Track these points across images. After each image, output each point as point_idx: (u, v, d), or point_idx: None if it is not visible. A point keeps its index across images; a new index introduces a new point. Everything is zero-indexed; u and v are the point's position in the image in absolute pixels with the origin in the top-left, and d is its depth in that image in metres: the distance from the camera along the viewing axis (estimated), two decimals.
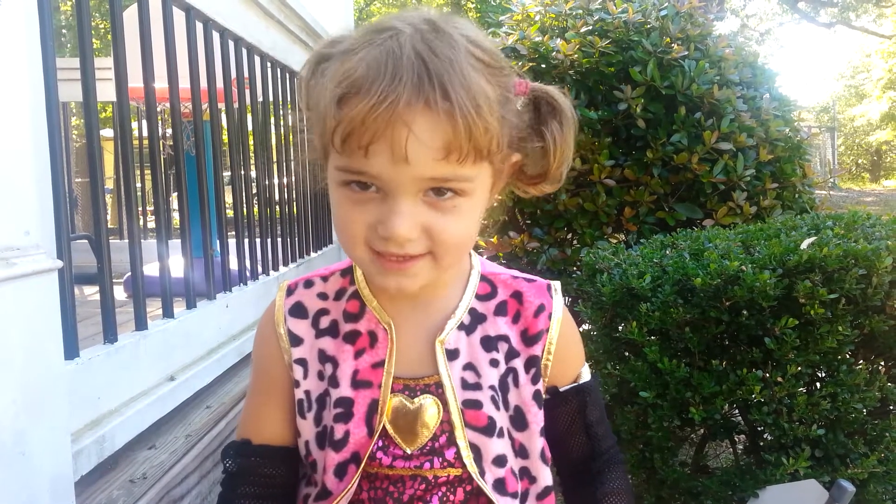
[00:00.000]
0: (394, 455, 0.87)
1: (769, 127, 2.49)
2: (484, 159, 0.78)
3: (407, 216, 0.76)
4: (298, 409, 0.91)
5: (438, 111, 0.73)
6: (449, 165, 0.75)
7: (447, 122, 0.73)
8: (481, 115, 0.74)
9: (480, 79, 0.76)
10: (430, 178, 0.76)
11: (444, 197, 0.77)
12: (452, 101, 0.73)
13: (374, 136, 0.73)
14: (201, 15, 2.13)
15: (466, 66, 0.75)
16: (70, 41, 12.07)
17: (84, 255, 2.66)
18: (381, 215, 0.77)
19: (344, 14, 4.50)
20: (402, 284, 0.81)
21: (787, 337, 1.55)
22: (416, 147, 0.73)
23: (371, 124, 0.72)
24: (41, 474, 1.14)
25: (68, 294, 1.35)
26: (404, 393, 0.88)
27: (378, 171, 0.75)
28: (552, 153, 0.88)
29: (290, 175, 3.11)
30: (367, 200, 0.78)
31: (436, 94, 0.73)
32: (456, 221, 0.79)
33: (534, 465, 0.92)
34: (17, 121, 1.12)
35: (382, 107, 0.72)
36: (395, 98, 0.72)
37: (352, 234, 0.80)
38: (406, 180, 0.75)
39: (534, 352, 0.91)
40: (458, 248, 0.82)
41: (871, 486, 1.66)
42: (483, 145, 0.76)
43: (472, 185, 0.79)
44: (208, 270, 2.15)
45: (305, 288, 0.95)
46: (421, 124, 0.73)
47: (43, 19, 1.33)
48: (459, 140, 0.74)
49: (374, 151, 0.74)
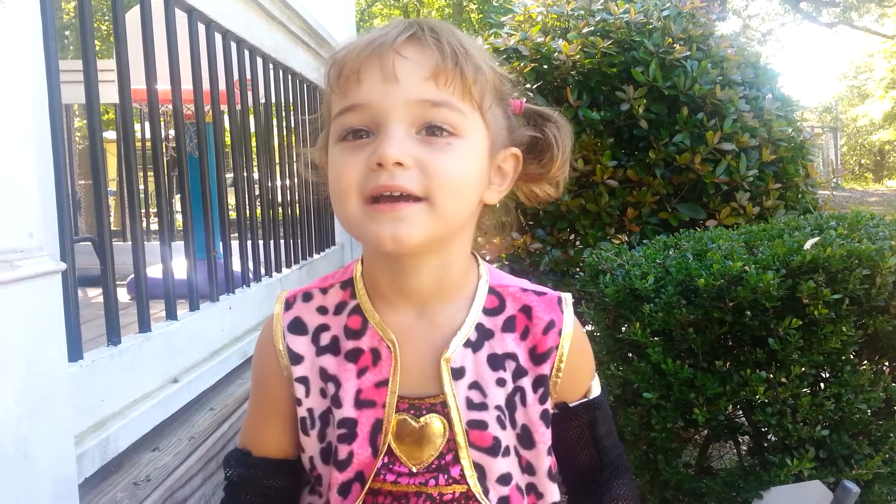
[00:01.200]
0: (398, 473, 0.85)
1: (772, 127, 2.49)
2: (475, 104, 0.81)
3: (397, 139, 0.77)
4: (301, 427, 0.89)
5: (426, 40, 0.79)
6: (437, 89, 0.78)
7: (435, 49, 0.79)
8: (470, 56, 0.80)
9: (472, 47, 0.82)
10: (421, 101, 0.77)
11: (438, 136, 0.78)
12: (440, 38, 0.79)
13: (365, 63, 0.78)
14: (204, 16, 2.13)
15: (458, 33, 0.82)
16: (72, 43, 12.08)
17: (87, 258, 2.66)
18: (374, 149, 0.77)
19: (346, 15, 4.51)
20: (398, 231, 0.77)
21: (790, 337, 1.55)
22: (404, 66, 0.78)
23: (362, 53, 0.79)
24: (44, 477, 1.14)
25: (71, 296, 1.35)
26: (409, 412, 0.86)
27: (369, 95, 0.78)
28: (555, 147, 0.90)
29: (292, 177, 3.12)
30: (361, 146, 0.79)
31: (424, 32, 0.80)
32: (451, 158, 0.78)
33: (541, 482, 0.91)
34: (20, 123, 1.12)
35: (374, 44, 0.79)
36: (384, 35, 0.79)
37: (346, 179, 0.79)
38: (397, 102, 0.77)
39: (542, 371, 0.88)
40: (455, 190, 0.79)
41: (876, 486, 1.65)
42: (472, 81, 0.79)
43: (466, 123, 0.80)
44: (211, 272, 2.15)
45: (304, 301, 0.92)
46: (409, 50, 0.79)
47: (45, 21, 1.33)
48: (447, 65, 0.78)
49: (365, 76, 0.78)
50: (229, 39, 2.35)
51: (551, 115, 0.92)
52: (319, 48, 3.42)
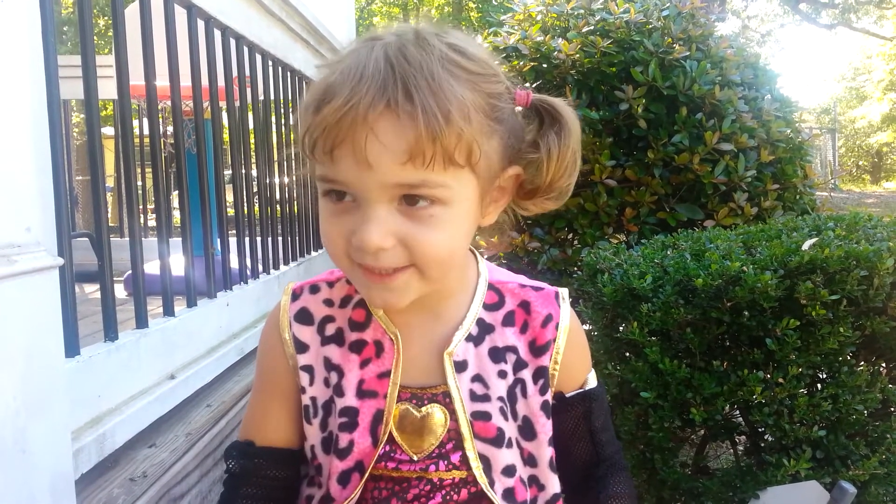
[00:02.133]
0: (399, 460, 0.87)
1: (770, 128, 2.49)
2: (460, 166, 0.74)
3: (377, 224, 0.74)
4: (304, 415, 0.90)
5: (399, 113, 0.71)
6: (415, 170, 0.72)
7: (409, 124, 0.71)
8: (450, 119, 0.72)
9: (456, 83, 0.74)
10: (397, 185, 0.73)
11: (417, 206, 0.74)
12: (415, 103, 0.71)
13: (337, 141, 0.72)
14: (203, 13, 2.12)
15: (438, 70, 0.73)
16: (71, 38, 12.06)
17: (85, 253, 2.65)
18: (355, 224, 0.75)
19: (345, 12, 4.50)
20: (387, 299, 0.79)
21: (788, 338, 1.55)
22: (377, 151, 0.71)
23: (334, 128, 0.72)
24: (41, 472, 1.14)
25: (69, 292, 1.35)
26: (412, 402, 0.87)
27: (344, 176, 0.74)
28: (547, 164, 0.84)
29: (290, 174, 3.11)
30: (344, 211, 0.77)
31: (398, 96, 0.71)
32: (433, 231, 0.75)
33: (542, 474, 0.92)
34: (18, 118, 1.12)
35: (344, 110, 0.71)
36: (356, 101, 0.71)
37: (333, 246, 0.79)
38: (373, 186, 0.73)
39: (542, 362, 0.91)
40: (440, 261, 0.78)
41: (872, 487, 1.66)
42: (454, 150, 0.73)
43: (449, 193, 0.75)
44: (209, 269, 2.14)
45: (311, 293, 0.93)
46: (383, 127, 0.71)
47: (44, 16, 1.33)
48: (422, 144, 0.71)
49: (338, 156, 0.73)
50: (228, 36, 2.35)
51: (560, 113, 0.85)
52: (319, 45, 3.41)
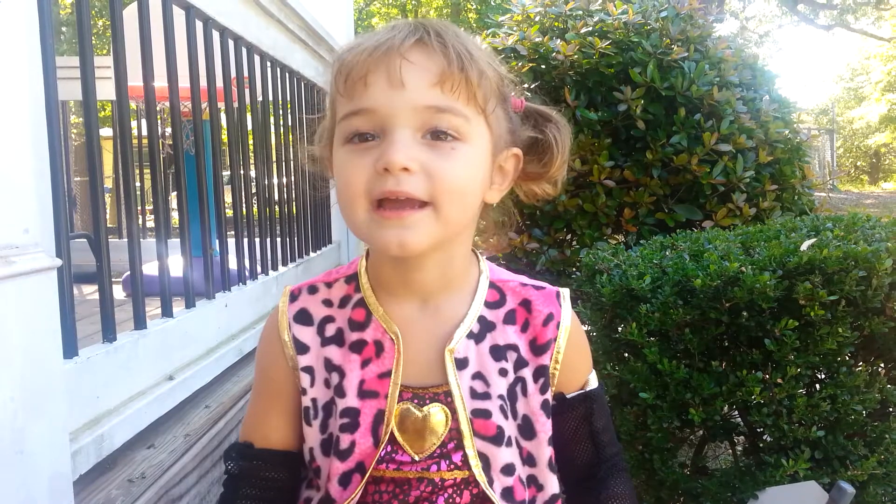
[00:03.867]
0: (400, 462, 0.87)
1: (769, 129, 2.49)
2: (479, 108, 0.82)
3: (404, 144, 0.78)
4: (304, 417, 0.90)
5: (433, 45, 0.80)
6: (443, 94, 0.79)
7: (441, 54, 0.80)
8: (475, 59, 0.81)
9: (476, 48, 0.83)
10: (427, 106, 0.78)
11: (443, 140, 0.80)
12: (446, 42, 0.80)
13: (372, 67, 0.79)
14: (201, 14, 2.12)
15: (462, 35, 0.83)
16: (69, 39, 12.05)
17: (83, 254, 2.65)
18: (380, 153, 0.79)
19: (344, 14, 4.50)
20: (404, 238, 0.79)
21: (786, 338, 1.55)
22: (410, 71, 0.78)
23: (369, 58, 0.79)
24: (39, 473, 1.14)
25: (67, 293, 1.35)
26: (413, 401, 0.87)
27: (375, 100, 0.79)
28: (555, 147, 0.92)
29: (289, 175, 3.11)
30: (367, 149, 0.80)
31: (430, 36, 0.80)
32: (456, 163, 0.80)
33: (541, 473, 0.92)
34: (16, 119, 1.12)
35: (381, 48, 0.79)
36: (391, 38, 0.80)
37: (353, 184, 0.80)
38: (403, 108, 0.78)
39: (542, 361, 0.91)
40: (459, 196, 0.81)
41: (871, 487, 1.66)
42: (476, 85, 0.80)
43: (469, 129, 0.81)
44: (207, 270, 2.14)
45: (309, 294, 0.94)
46: (415, 55, 0.79)
47: (42, 16, 1.33)
48: (453, 69, 0.79)
49: (371, 81, 0.79)
50: (227, 37, 2.35)
51: (551, 114, 0.94)
52: (317, 46, 3.41)
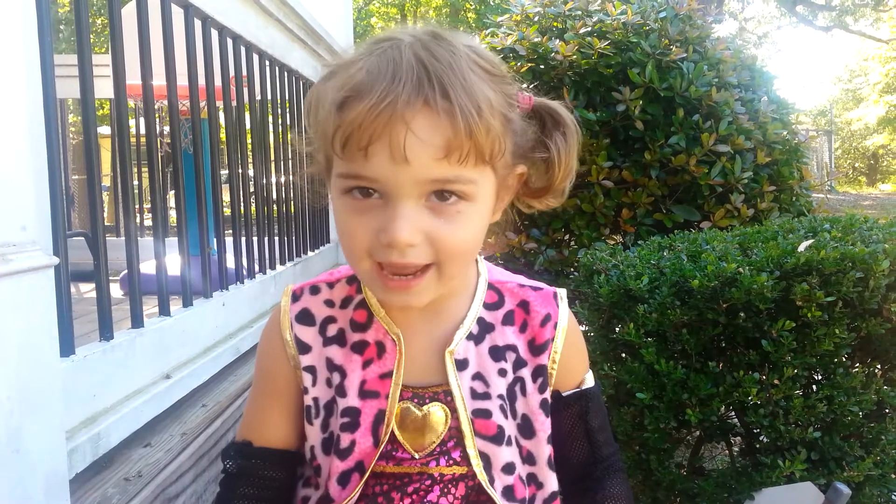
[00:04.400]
0: (400, 459, 0.87)
1: (767, 130, 2.50)
2: (486, 162, 0.77)
3: (408, 220, 0.74)
4: (306, 416, 0.91)
5: (438, 110, 0.73)
6: (450, 166, 0.74)
7: (447, 120, 0.73)
8: (482, 116, 0.74)
9: (482, 83, 0.76)
10: (432, 180, 0.74)
11: (447, 201, 0.76)
12: (452, 101, 0.73)
13: (374, 137, 0.73)
14: (200, 12, 2.12)
15: (467, 70, 0.76)
16: (67, 37, 12.04)
17: (80, 252, 2.65)
18: (383, 221, 0.75)
19: (343, 13, 4.50)
20: (408, 302, 0.81)
21: (783, 339, 1.55)
22: (415, 146, 0.72)
23: (370, 125, 0.72)
24: (36, 472, 1.13)
25: (64, 291, 1.35)
26: (413, 400, 0.88)
27: (378, 172, 0.74)
28: (557, 164, 0.88)
29: (287, 174, 3.11)
30: (369, 208, 0.77)
31: (435, 94, 0.73)
32: (460, 228, 0.77)
33: (541, 472, 0.93)
34: (14, 117, 1.12)
35: (381, 106, 0.72)
36: (393, 98, 0.72)
37: (355, 245, 0.78)
38: (406, 182, 0.74)
39: (541, 361, 0.92)
40: (462, 258, 0.80)
41: (867, 488, 1.66)
42: (485, 146, 0.75)
43: (476, 189, 0.77)
44: (205, 268, 2.14)
45: (311, 294, 0.94)
46: (420, 123, 0.72)
47: (41, 15, 1.33)
48: (460, 139, 0.73)
49: (373, 152, 0.73)
50: (226, 36, 2.34)
51: (561, 116, 0.89)
52: (316, 45, 3.41)
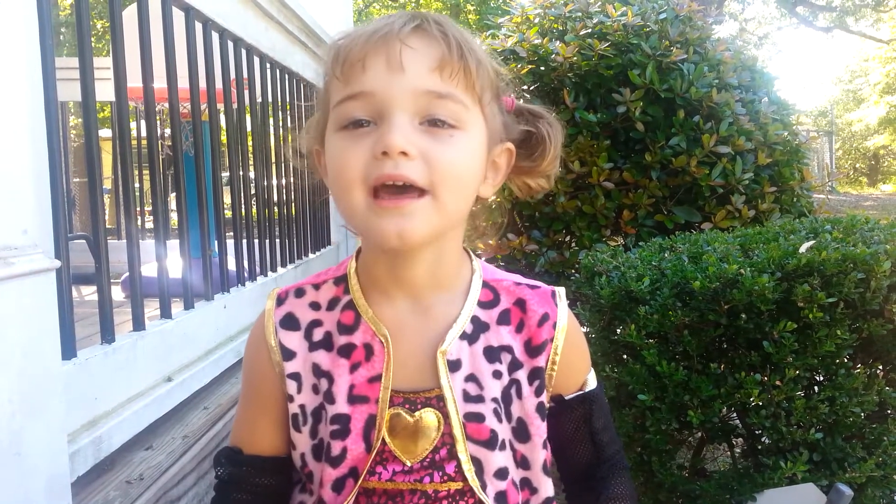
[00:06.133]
0: (393, 470, 0.84)
1: (768, 131, 2.50)
2: (476, 97, 0.81)
3: (402, 128, 0.77)
4: (293, 423, 0.88)
5: (432, 32, 0.80)
6: (442, 81, 0.78)
7: (441, 40, 0.79)
8: (473, 49, 0.81)
9: (475, 42, 0.83)
10: (426, 91, 0.78)
11: (440, 127, 0.79)
12: (445, 30, 0.80)
13: (370, 51, 0.79)
14: (201, 15, 2.13)
15: (461, 28, 0.83)
16: (68, 40, 12.05)
17: (82, 255, 2.65)
18: (378, 137, 0.77)
19: (343, 15, 4.51)
20: (403, 227, 0.77)
21: (785, 340, 1.55)
22: (410, 56, 0.78)
23: (367, 43, 0.79)
24: (37, 475, 1.14)
25: (66, 294, 1.35)
26: (404, 406, 0.85)
27: (374, 83, 0.78)
28: (547, 141, 0.91)
29: (288, 176, 3.11)
30: (363, 135, 0.78)
31: (430, 23, 0.81)
32: (453, 149, 0.79)
33: (535, 477, 0.90)
34: (15, 120, 1.12)
35: (379, 33, 0.79)
36: (389, 25, 0.80)
37: (349, 169, 0.78)
38: (401, 92, 0.77)
39: (538, 363, 0.88)
40: (457, 183, 0.80)
41: (869, 490, 1.66)
42: (475, 74, 0.80)
43: (468, 116, 0.80)
44: (206, 271, 2.14)
45: (296, 297, 0.91)
46: (415, 40, 0.79)
47: (42, 18, 1.33)
48: (452, 57, 0.79)
49: (370, 64, 0.78)
50: (226, 38, 2.35)
51: (543, 112, 0.94)
52: (316, 48, 3.41)
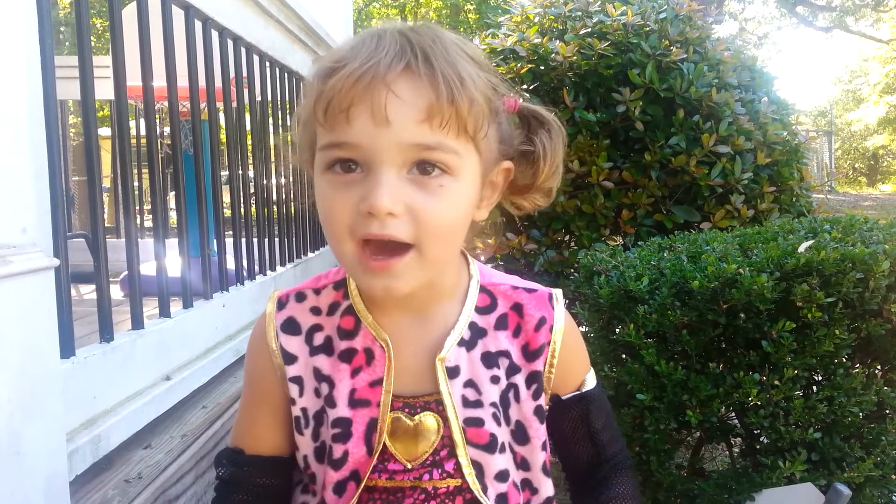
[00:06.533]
0: (393, 470, 0.86)
1: (767, 130, 2.50)
2: (469, 138, 0.77)
3: (389, 187, 0.73)
4: (296, 426, 0.89)
5: (420, 74, 0.74)
6: (431, 131, 0.74)
7: (429, 84, 0.73)
8: (465, 86, 0.75)
9: (465, 62, 0.77)
10: (413, 145, 0.74)
11: (430, 175, 0.75)
12: (434, 67, 0.74)
13: (355, 99, 0.73)
14: (200, 13, 2.12)
15: (451, 49, 0.77)
16: (68, 38, 12.04)
17: (81, 254, 2.65)
18: (364, 192, 0.74)
19: (343, 14, 4.50)
20: (390, 286, 0.77)
21: (784, 340, 1.55)
22: (396, 107, 0.73)
23: (352, 88, 0.73)
24: (36, 474, 1.13)
25: (64, 292, 1.35)
26: (404, 410, 0.86)
27: (359, 137, 0.74)
28: (542, 159, 0.87)
29: (287, 175, 3.11)
30: (350, 183, 0.76)
31: (418, 61, 0.74)
32: (443, 202, 0.76)
33: (535, 477, 0.91)
34: (14, 118, 1.12)
35: (363, 69, 0.73)
36: (375, 62, 0.73)
37: (337, 222, 0.77)
38: (388, 146, 0.73)
39: (535, 367, 0.89)
40: (444, 238, 0.78)
41: (867, 489, 1.66)
42: (467, 118, 0.75)
43: (459, 163, 0.76)
44: (205, 270, 2.14)
45: (297, 301, 0.92)
46: (402, 86, 0.73)
47: (41, 16, 1.33)
48: (442, 103, 0.73)
49: (354, 115, 0.73)
50: (226, 37, 2.35)
51: (546, 118, 0.90)
52: (316, 47, 3.41)
